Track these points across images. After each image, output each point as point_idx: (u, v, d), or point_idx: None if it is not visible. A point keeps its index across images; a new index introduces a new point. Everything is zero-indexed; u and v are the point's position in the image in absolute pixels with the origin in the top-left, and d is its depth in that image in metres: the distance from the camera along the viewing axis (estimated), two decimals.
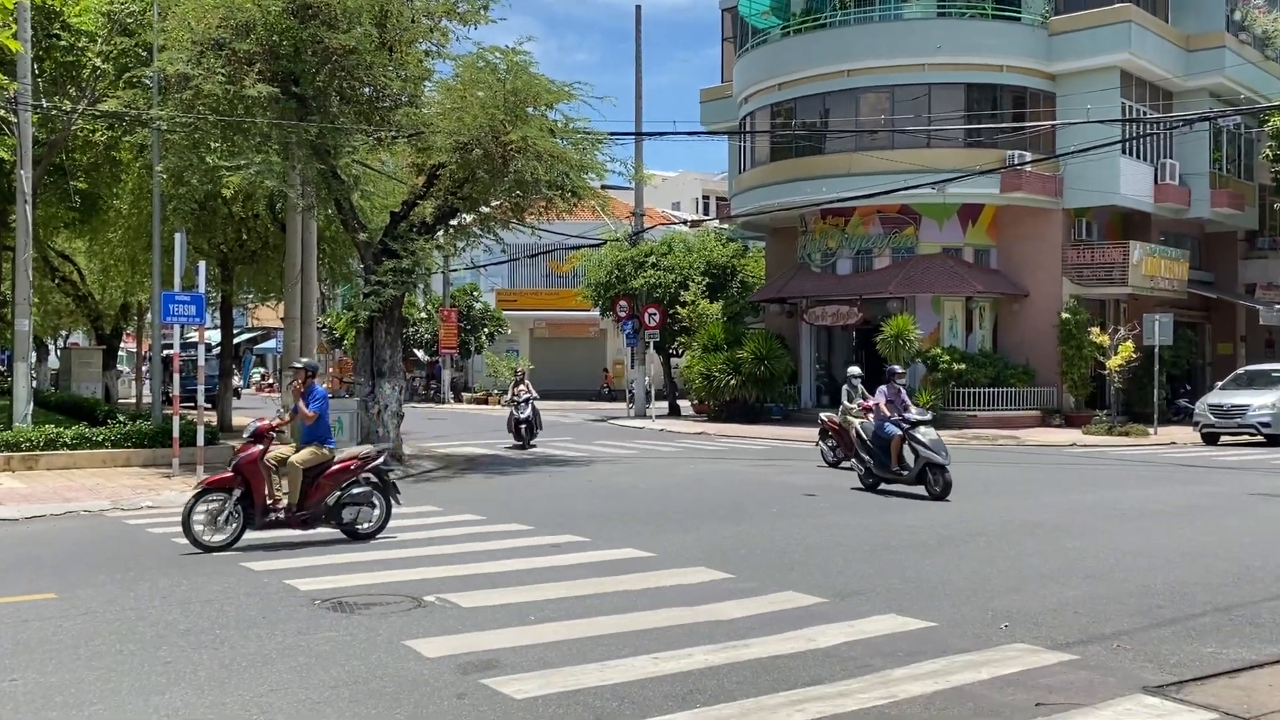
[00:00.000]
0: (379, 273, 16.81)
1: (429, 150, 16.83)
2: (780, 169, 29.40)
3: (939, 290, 27.33)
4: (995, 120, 27.10)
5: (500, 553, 9.51)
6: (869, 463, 13.91)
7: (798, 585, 8.04)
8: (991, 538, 10.40)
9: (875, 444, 13.83)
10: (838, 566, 8.83)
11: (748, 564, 8.94)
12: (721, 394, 29.09)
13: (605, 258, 33.36)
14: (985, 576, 8.47)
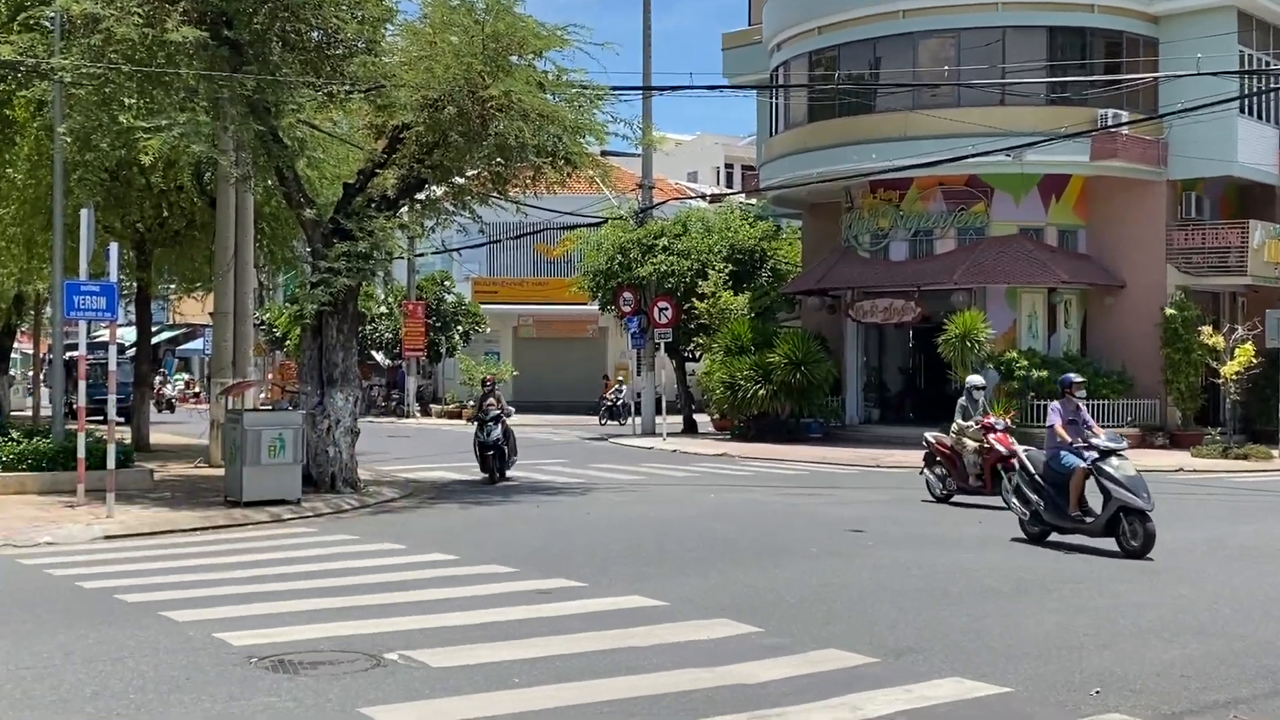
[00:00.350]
0: (329, 257, 16.85)
1: (391, 108, 16.88)
2: (820, 131, 29.42)
3: (1015, 280, 27.33)
4: (1084, 72, 27.10)
5: (477, 600, 9.52)
6: (1037, 505, 12.60)
7: (841, 641, 8.06)
8: (1078, 582, 10.41)
9: (1047, 480, 12.55)
10: (889, 618, 8.83)
11: (780, 615, 8.95)
12: (748, 407, 29.12)
13: (606, 240, 33.41)
14: (1071, 630, 8.47)
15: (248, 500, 15.48)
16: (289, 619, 8.76)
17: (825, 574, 10.73)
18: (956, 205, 28.16)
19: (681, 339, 32.89)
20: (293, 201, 17.80)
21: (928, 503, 16.62)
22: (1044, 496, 12.59)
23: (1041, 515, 12.62)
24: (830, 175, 28.74)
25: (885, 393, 32.05)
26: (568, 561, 11.48)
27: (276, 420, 16.32)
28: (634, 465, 23.29)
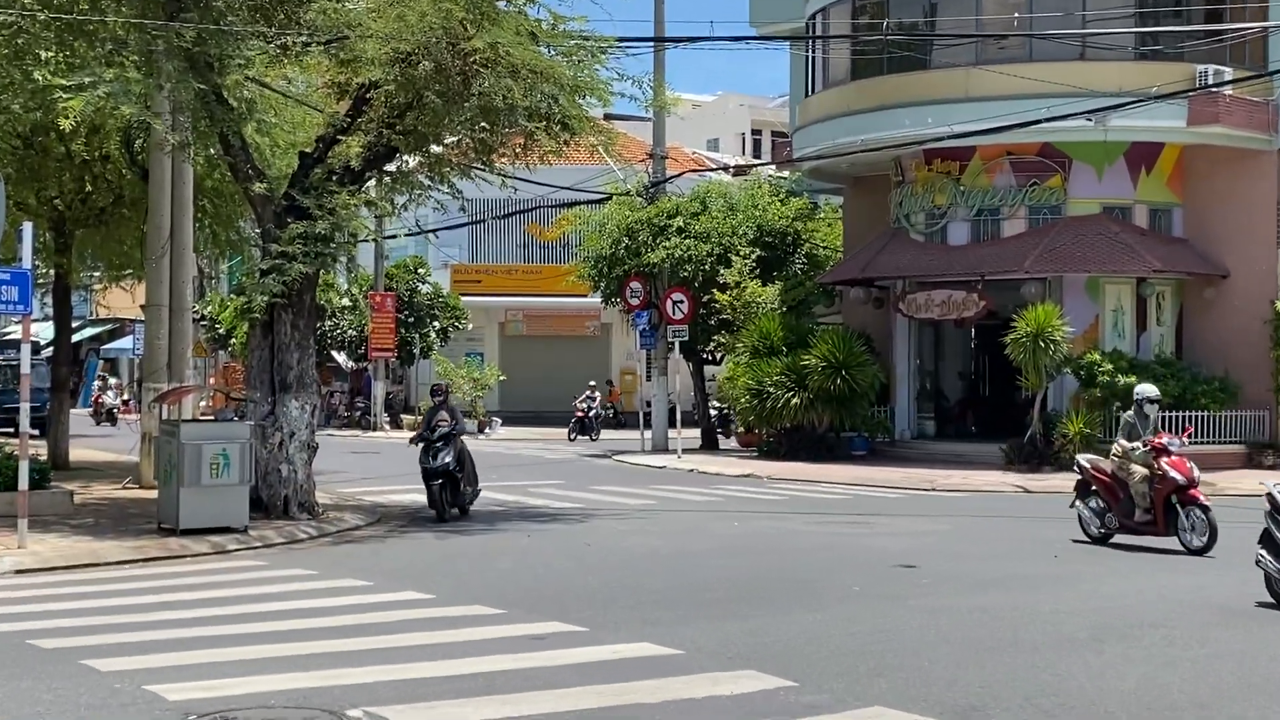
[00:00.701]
0: (283, 240, 16.87)
1: (355, 64, 16.89)
2: (865, 91, 29.38)
3: (1097, 268, 27.28)
4: (1181, 21, 27.03)
5: (456, 647, 9.52)
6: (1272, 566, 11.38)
7: (890, 698, 8.05)
8: (1171, 629, 10.40)
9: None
10: (946, 672, 8.82)
11: (817, 666, 8.93)
12: (778, 418, 29.10)
13: (610, 220, 33.44)
14: (1163, 687, 8.46)
15: (185, 528, 15.48)
16: (234, 669, 8.77)
17: (871, 618, 10.71)
18: (1027, 179, 28.10)
19: (700, 337, 32.89)
20: (239, 174, 17.82)
21: (1080, 543, 15.82)
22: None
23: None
24: (877, 143, 28.69)
25: (942, 402, 31.99)
26: (564, 601, 11.48)
27: (220, 433, 16.32)
28: (643, 487, 23.30)
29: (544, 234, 45.41)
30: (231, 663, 8.96)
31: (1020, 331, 25.80)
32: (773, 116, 61.81)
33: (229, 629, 10.19)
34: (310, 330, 17.96)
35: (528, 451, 33.17)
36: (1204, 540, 14.75)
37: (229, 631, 10.08)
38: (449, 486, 18.28)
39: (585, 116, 17.72)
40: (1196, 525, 14.91)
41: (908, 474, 25.47)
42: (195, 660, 9.04)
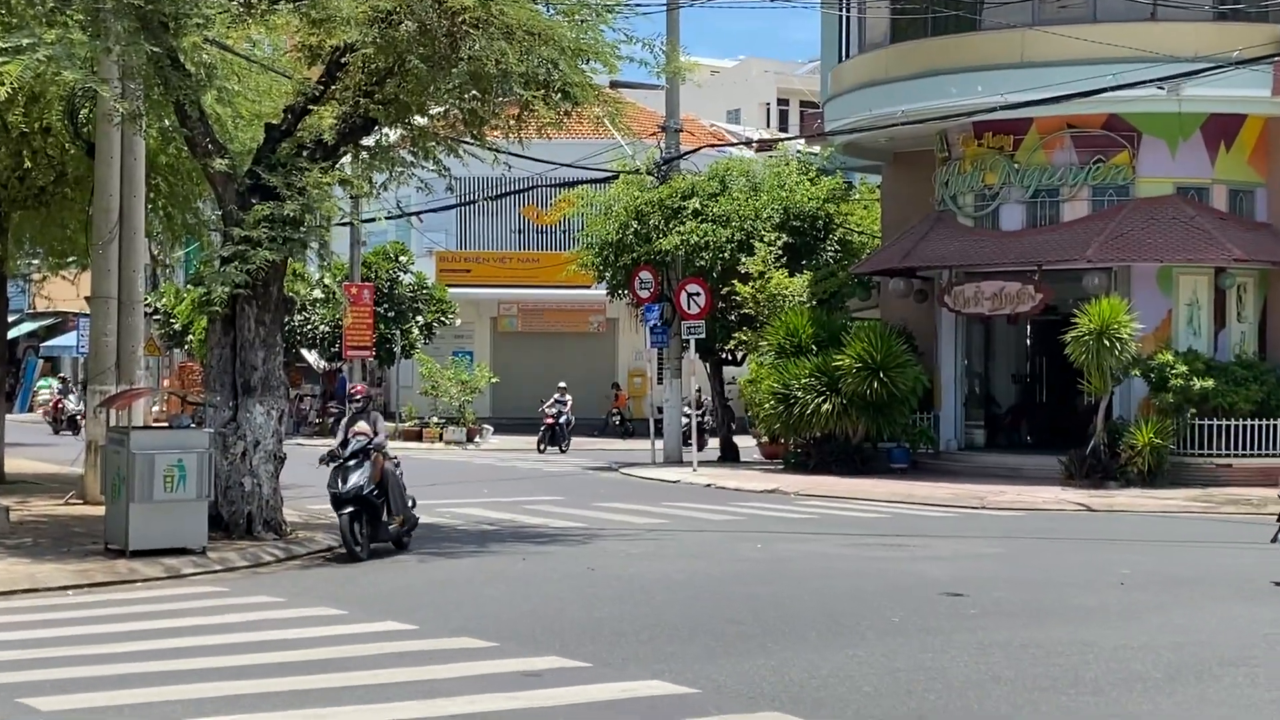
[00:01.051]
0: (246, 223, 16.88)
1: (329, 24, 16.87)
2: (906, 55, 29.32)
3: (1170, 257, 27.22)
4: None
5: (442, 685, 9.53)
6: None
7: None
8: (1254, 667, 10.37)
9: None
10: (998, 715, 8.79)
11: (852, 709, 8.92)
12: (807, 427, 29.08)
13: (617, 202, 33.44)
14: None
15: (136, 549, 15.47)
16: (189, 709, 8.78)
17: (913, 654, 10.70)
18: (1091, 155, 28.06)
19: (718, 334, 32.86)
20: (198, 148, 17.82)
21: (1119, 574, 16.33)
22: None
23: None
24: (920, 114, 28.64)
25: (993, 409, 31.95)
26: (564, 633, 11.48)
27: (175, 441, 16.32)
28: (653, 504, 23.29)
29: (542, 217, 45.46)
30: (187, 701, 8.97)
31: (1082, 329, 25.75)
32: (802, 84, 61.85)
33: (184, 663, 10.19)
34: (277, 326, 17.95)
35: (523, 464, 33.18)
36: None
37: (184, 666, 10.09)
38: (365, 516, 16.39)
39: (589, 84, 17.69)
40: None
41: (954, 490, 25.43)
42: (147, 699, 9.04)
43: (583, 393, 45.67)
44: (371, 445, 16.52)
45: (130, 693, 9.22)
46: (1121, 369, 26.14)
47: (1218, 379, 26.25)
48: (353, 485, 16.15)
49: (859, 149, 33.33)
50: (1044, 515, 22.51)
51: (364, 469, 16.28)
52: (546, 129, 18.44)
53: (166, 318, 46.99)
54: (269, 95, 21.09)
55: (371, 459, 16.41)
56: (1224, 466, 26.30)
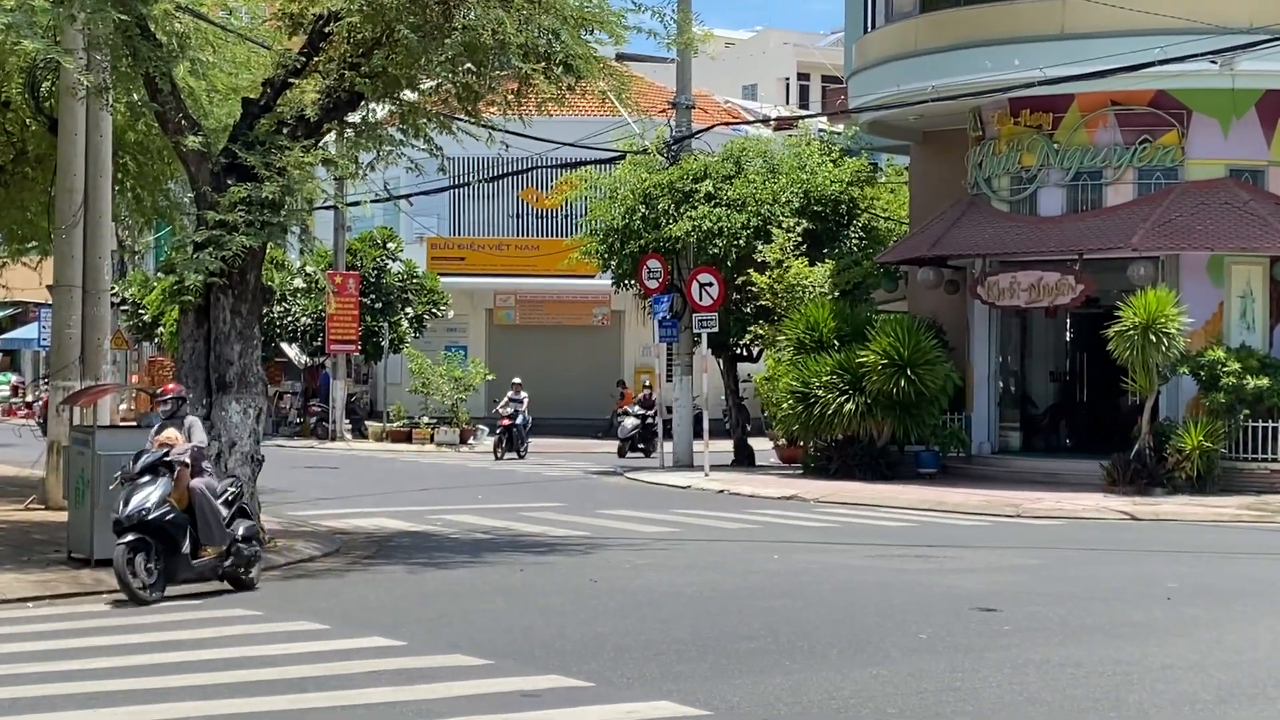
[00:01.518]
0: (222, 206, 16.87)
1: None
2: (938, 25, 29.27)
3: (1222, 245, 27.18)
4: None
5: (433, 706, 9.53)
6: None
7: None
8: None
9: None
10: None
11: None
12: (828, 428, 29.09)
13: (623, 184, 33.46)
14: None
15: (101, 558, 15.40)
16: None
17: (941, 674, 10.69)
18: (1137, 135, 28.03)
19: (733, 328, 32.88)
20: (169, 125, 17.81)
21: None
22: None
23: None
24: (952, 90, 28.61)
25: (1030, 409, 31.93)
26: (564, 650, 11.47)
27: (144, 442, 16.34)
28: (662, 512, 23.31)
29: (542, 201, 45.46)
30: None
31: (1126, 322, 25.73)
32: (824, 57, 61.75)
33: (153, 682, 10.19)
34: (255, 317, 17.95)
35: (522, 467, 33.22)
36: None
37: (153, 685, 10.09)
38: (157, 548, 13.98)
39: (593, 56, 17.67)
40: None
41: (987, 497, 25.42)
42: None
43: (586, 390, 45.73)
44: (174, 457, 14.31)
45: (94, 713, 9.23)
46: (1169, 366, 26.10)
47: (1273, 377, 26.20)
48: (134, 508, 13.88)
49: (885, 128, 33.28)
50: (1084, 524, 22.52)
51: (156, 487, 14.06)
52: (547, 105, 18.41)
53: (135, 308, 47.07)
54: (246, 68, 21.09)
55: (171, 475, 14.21)
56: (1276, 471, 26.25)
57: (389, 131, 18.51)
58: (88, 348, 21.51)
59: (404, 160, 18.93)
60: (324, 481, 28.09)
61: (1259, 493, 25.46)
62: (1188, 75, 26.27)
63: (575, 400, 45.49)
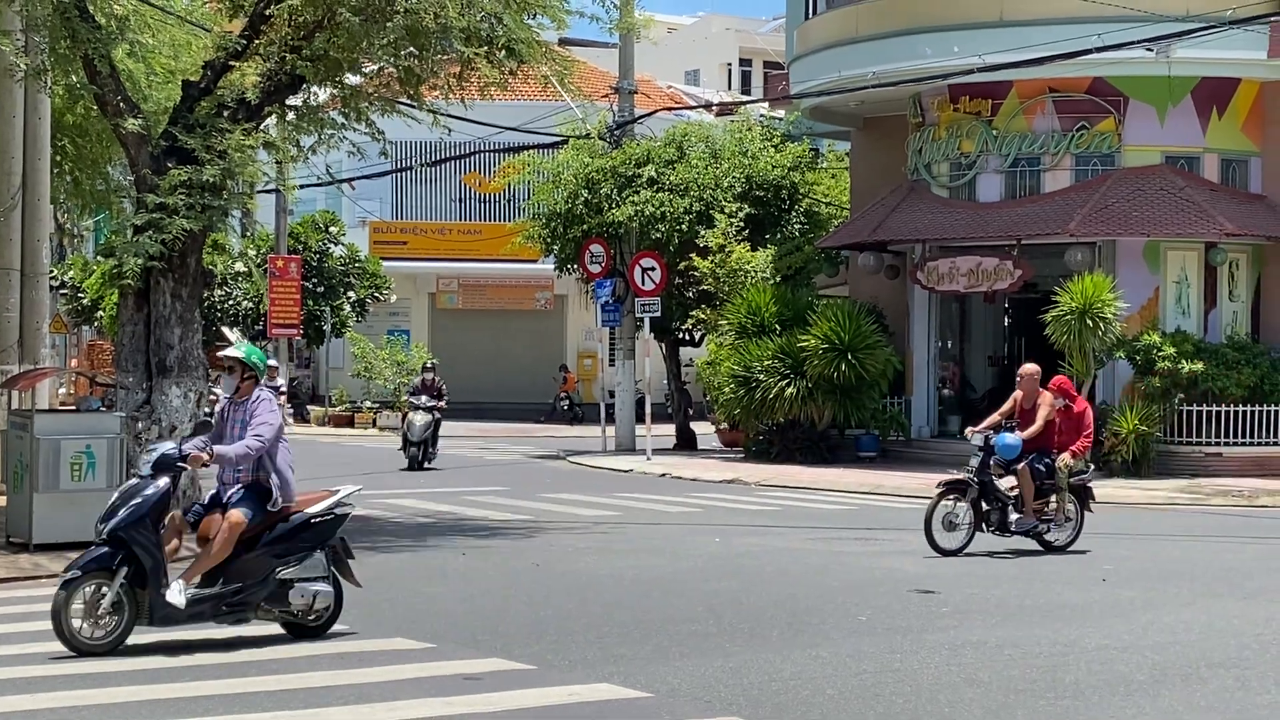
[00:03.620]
0: (162, 189, 16.77)
1: None
2: (878, 12, 29.34)
3: (1158, 231, 27.38)
4: None
5: (374, 689, 9.52)
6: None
7: None
8: (1244, 669, 10.47)
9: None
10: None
11: (814, 715, 8.95)
12: (770, 412, 29.14)
13: (566, 169, 33.38)
14: None
15: (40, 543, 15.40)
16: (96, 714, 8.74)
17: (880, 655, 10.73)
18: (1074, 122, 28.19)
19: (675, 313, 32.90)
20: (108, 107, 17.68)
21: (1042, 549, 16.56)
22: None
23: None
24: (892, 76, 28.69)
25: (969, 393, 32.06)
26: (506, 633, 11.47)
27: (83, 426, 16.23)
28: (604, 496, 23.30)
29: (484, 185, 45.29)
30: (93, 707, 8.94)
31: (1064, 307, 25.86)
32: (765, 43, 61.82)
33: (90, 666, 10.13)
34: (195, 301, 17.85)
35: (464, 451, 33.13)
36: None
37: (90, 669, 10.03)
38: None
39: (535, 40, 17.65)
40: None
41: (926, 481, 25.38)
42: (48, 704, 9.01)
43: (529, 375, 45.69)
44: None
45: (31, 698, 9.15)
46: (1105, 351, 26.27)
47: (1208, 362, 26.41)
48: None
49: (827, 113, 33.33)
50: None
51: None
52: (489, 89, 18.36)
53: (74, 292, 46.64)
54: (187, 50, 20.97)
55: None
56: (1214, 455, 26.50)
57: (331, 115, 18.46)
58: (26, 331, 21.31)
59: (346, 144, 18.90)
60: None
61: (1194, 476, 25.71)
62: (1125, 63, 26.44)
63: (518, 385, 45.45)
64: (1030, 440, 16.54)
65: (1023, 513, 16.42)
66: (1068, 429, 16.88)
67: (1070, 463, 16.62)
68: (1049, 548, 16.55)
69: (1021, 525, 16.43)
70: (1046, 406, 16.85)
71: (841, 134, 36.21)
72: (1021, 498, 16.45)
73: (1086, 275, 26.32)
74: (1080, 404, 17.54)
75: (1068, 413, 17.03)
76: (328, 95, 18.60)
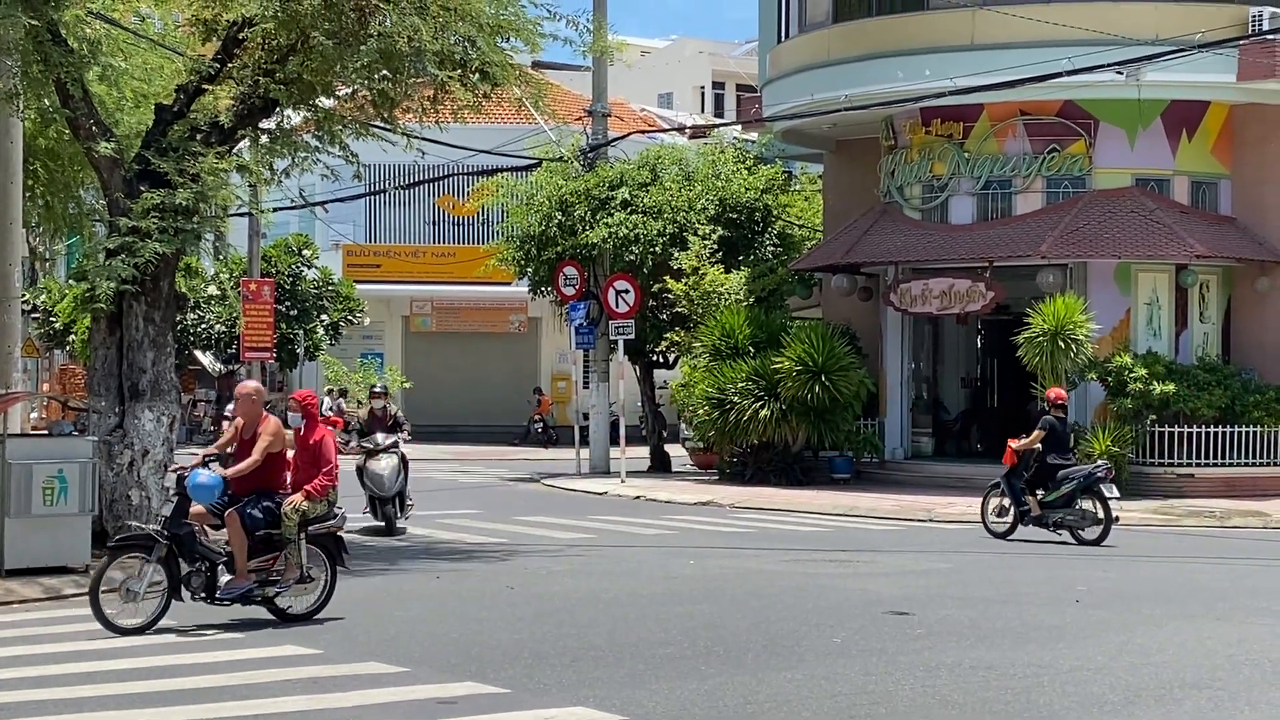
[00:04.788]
0: (135, 213, 16.74)
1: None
2: (851, 36, 29.44)
3: (1129, 253, 27.49)
4: None
5: (348, 714, 9.50)
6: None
7: None
8: (1216, 689, 10.52)
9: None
10: None
11: None
12: (744, 434, 29.13)
13: (540, 191, 33.39)
14: None
15: (12, 568, 15.33)
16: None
17: (855, 677, 10.74)
18: (1045, 144, 28.29)
19: (649, 335, 32.89)
20: (81, 131, 17.66)
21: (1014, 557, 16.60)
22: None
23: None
24: (864, 99, 28.76)
25: (942, 414, 32.15)
26: (480, 657, 11.44)
27: (55, 451, 16.16)
28: (578, 518, 23.28)
29: (458, 208, 45.24)
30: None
31: (1036, 329, 25.96)
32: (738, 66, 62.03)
33: (62, 692, 10.10)
34: (168, 325, 17.82)
35: (438, 474, 33.05)
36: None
37: (63, 695, 9.99)
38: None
39: (509, 63, 17.67)
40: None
41: (900, 502, 25.57)
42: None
43: (503, 398, 45.63)
44: None
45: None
46: (1077, 372, 26.35)
47: (1179, 383, 26.49)
48: None
49: (799, 136, 33.44)
50: None
51: None
52: (463, 112, 18.38)
53: (46, 316, 46.42)
54: (159, 74, 20.93)
55: None
56: (1185, 477, 26.57)
57: (304, 138, 18.44)
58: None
59: (319, 167, 18.88)
60: None
61: (1166, 497, 25.76)
62: (1095, 86, 26.54)
63: (492, 407, 45.38)
64: (245, 479, 13.18)
65: (234, 573, 12.95)
66: (304, 463, 13.44)
67: (303, 506, 13.10)
68: (284, 616, 13.18)
69: (230, 591, 12.93)
70: (269, 436, 13.26)
71: (814, 156, 36.29)
72: (233, 554, 13.01)
73: (1058, 297, 26.41)
74: (319, 431, 13.65)
75: (305, 442, 13.58)
76: (301, 118, 18.59)
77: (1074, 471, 19.79)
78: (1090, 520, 19.54)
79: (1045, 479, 19.82)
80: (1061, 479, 19.68)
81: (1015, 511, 19.94)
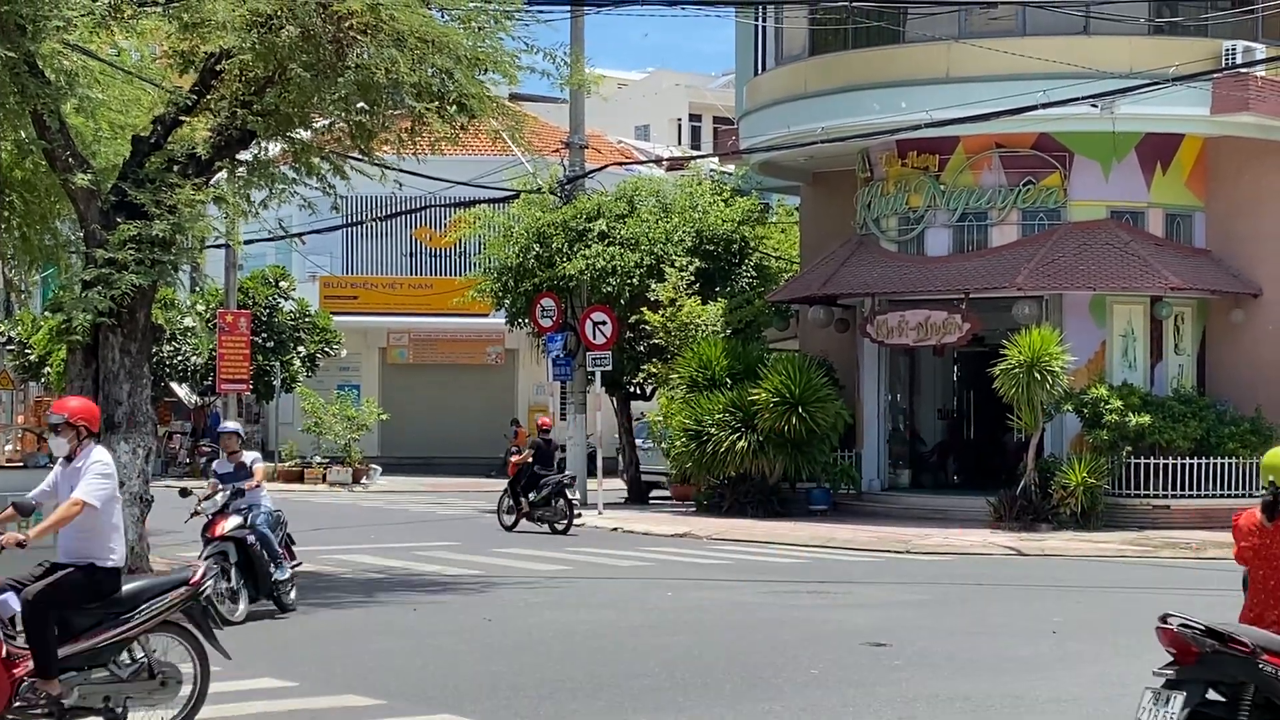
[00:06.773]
0: (111, 244, 16.73)
1: (203, 28, 16.79)
2: (826, 69, 29.55)
3: (1104, 285, 27.58)
4: None
5: None
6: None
7: None
8: None
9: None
10: None
11: None
12: (721, 466, 29.13)
13: (517, 223, 33.42)
14: None
15: None
16: None
17: (833, 708, 10.74)
18: (1020, 177, 28.39)
19: (626, 367, 32.91)
20: (57, 162, 17.65)
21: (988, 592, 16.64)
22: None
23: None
24: (840, 132, 28.84)
25: (919, 446, 32.21)
26: (458, 689, 11.43)
27: (30, 483, 15.99)
28: (556, 550, 23.26)
29: (435, 240, 45.22)
30: None
31: (1012, 360, 25.99)
32: (715, 99, 62.16)
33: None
34: (144, 357, 17.79)
35: (415, 507, 33.02)
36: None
37: None
38: None
39: (487, 95, 17.72)
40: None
41: (877, 533, 25.59)
42: None
43: (480, 429, 45.54)
44: None
45: None
46: (1053, 404, 26.41)
47: (1154, 415, 26.56)
48: None
49: (776, 168, 33.53)
50: (972, 560, 22.71)
51: None
52: (441, 144, 18.41)
53: (21, 347, 46.27)
54: (136, 105, 20.93)
55: None
56: (1161, 508, 26.61)
57: (281, 169, 18.47)
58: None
59: (296, 198, 18.91)
60: None
61: (1141, 528, 25.83)
62: (1069, 118, 26.67)
63: (469, 439, 45.27)
64: None
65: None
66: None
67: None
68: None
69: None
70: None
71: (791, 188, 36.38)
72: None
73: (1034, 329, 26.46)
74: None
75: None
76: (278, 150, 18.62)
77: (550, 480, 25.99)
78: (561, 515, 25.81)
79: (533, 486, 26.01)
80: (543, 485, 25.91)
81: (518, 510, 26.03)
